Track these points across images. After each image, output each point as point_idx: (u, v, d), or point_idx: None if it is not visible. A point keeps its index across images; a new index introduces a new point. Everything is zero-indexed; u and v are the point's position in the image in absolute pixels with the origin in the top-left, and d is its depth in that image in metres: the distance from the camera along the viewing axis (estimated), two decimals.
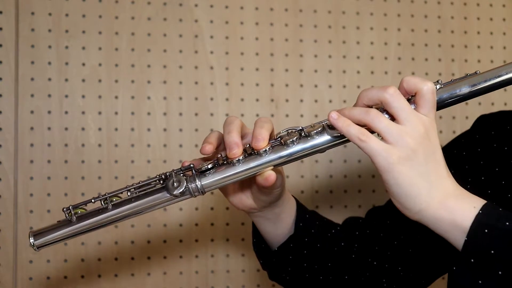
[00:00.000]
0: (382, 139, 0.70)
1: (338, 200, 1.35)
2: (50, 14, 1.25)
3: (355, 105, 0.75)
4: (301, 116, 1.34)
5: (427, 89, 0.71)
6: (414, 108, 0.72)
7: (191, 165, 0.77)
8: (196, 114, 1.30)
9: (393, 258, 0.94)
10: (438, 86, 0.75)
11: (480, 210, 0.68)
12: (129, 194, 0.78)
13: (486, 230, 0.67)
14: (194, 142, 1.30)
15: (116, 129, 1.27)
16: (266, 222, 0.89)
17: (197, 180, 0.76)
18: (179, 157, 1.29)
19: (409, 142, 0.69)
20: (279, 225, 0.90)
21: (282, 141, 0.76)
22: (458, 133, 1.35)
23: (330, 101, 1.35)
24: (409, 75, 0.74)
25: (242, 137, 0.79)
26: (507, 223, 0.67)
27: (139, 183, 0.78)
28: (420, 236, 0.93)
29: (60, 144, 1.25)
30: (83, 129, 1.26)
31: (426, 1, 1.40)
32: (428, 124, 0.71)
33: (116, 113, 1.27)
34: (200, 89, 1.31)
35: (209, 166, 0.76)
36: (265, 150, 0.76)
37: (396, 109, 0.70)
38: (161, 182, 0.78)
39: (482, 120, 0.96)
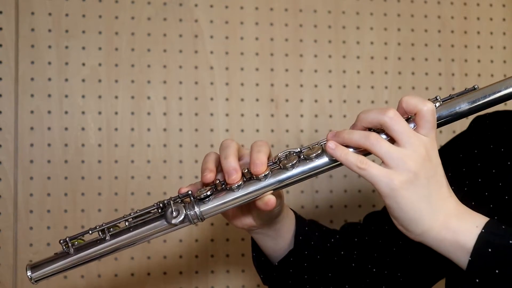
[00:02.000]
0: (383, 163, 0.69)
1: (338, 200, 1.35)
2: (50, 14, 1.25)
3: (353, 127, 0.74)
4: (301, 116, 1.34)
5: (427, 110, 0.70)
6: (414, 128, 0.71)
7: (189, 192, 0.76)
8: (196, 114, 1.30)
9: (392, 264, 0.94)
10: (437, 104, 0.75)
11: (483, 229, 0.68)
12: (127, 224, 0.77)
13: (489, 250, 0.67)
14: (194, 142, 1.30)
15: (116, 129, 1.27)
16: (265, 238, 0.89)
17: (196, 207, 0.75)
18: (179, 157, 1.29)
19: (411, 165, 0.68)
20: (279, 240, 0.90)
21: (281, 164, 0.75)
22: (457, 132, 1.35)
23: (330, 101, 1.35)
24: (408, 95, 0.72)
25: (239, 159, 0.78)
26: (511, 241, 0.67)
27: (136, 212, 0.77)
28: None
29: (60, 144, 1.25)
30: (83, 129, 1.26)
31: (426, 1, 1.40)
32: (428, 145, 0.70)
33: (116, 113, 1.27)
34: (200, 89, 1.31)
35: (208, 193, 0.75)
36: (265, 175, 0.75)
37: (397, 132, 0.69)
38: (159, 210, 0.77)
39: (478, 121, 0.96)
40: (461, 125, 1.38)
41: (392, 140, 0.71)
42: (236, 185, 0.75)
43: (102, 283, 1.26)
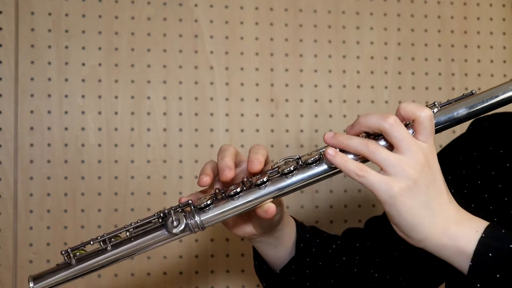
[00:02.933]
0: (381, 171, 0.69)
1: (338, 200, 1.35)
2: (50, 14, 1.25)
3: (352, 128, 0.74)
4: (301, 116, 1.34)
5: (425, 116, 0.70)
6: (412, 134, 0.71)
7: (190, 201, 0.77)
8: (196, 114, 1.30)
9: (394, 269, 0.94)
10: (435, 110, 0.75)
11: (483, 233, 0.68)
12: (128, 234, 0.77)
13: (490, 254, 0.67)
14: (194, 142, 1.30)
15: (116, 129, 1.27)
16: (266, 246, 0.90)
17: (196, 217, 0.76)
18: (179, 157, 1.29)
19: (410, 172, 0.68)
20: (280, 248, 0.90)
21: (280, 172, 0.75)
22: (457, 132, 1.35)
23: (330, 101, 1.35)
24: (405, 102, 0.73)
25: (237, 164, 0.79)
26: (511, 246, 0.67)
27: (137, 222, 0.78)
28: None
29: (60, 144, 1.25)
30: (83, 129, 1.26)
31: (426, 1, 1.40)
32: (427, 151, 0.70)
33: (116, 113, 1.27)
34: (200, 89, 1.31)
35: (208, 202, 0.76)
36: (264, 182, 0.75)
37: (397, 139, 0.70)
38: (160, 220, 0.77)
39: (477, 124, 0.96)
40: (461, 126, 1.38)
41: (390, 146, 0.71)
42: (236, 192, 0.75)
43: (102, 283, 1.26)
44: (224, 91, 1.32)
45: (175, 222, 0.75)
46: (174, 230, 0.75)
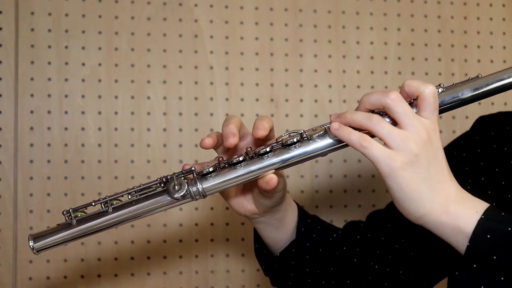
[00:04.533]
0: (385, 144, 0.69)
1: (338, 200, 1.35)
2: (50, 14, 1.25)
3: (357, 109, 0.75)
4: (301, 116, 1.34)
5: (429, 92, 0.71)
6: (416, 112, 0.71)
7: (192, 168, 0.77)
8: (196, 114, 1.30)
9: (394, 262, 0.94)
10: (440, 90, 0.75)
11: (483, 215, 0.68)
12: (129, 197, 0.77)
13: (488, 236, 0.67)
14: (194, 142, 1.30)
15: (116, 129, 1.27)
16: (268, 227, 0.89)
17: (198, 184, 0.76)
18: (179, 157, 1.29)
19: (412, 147, 0.68)
20: (281, 230, 0.90)
21: (283, 144, 0.76)
22: (458, 133, 1.35)
23: (330, 101, 1.35)
24: (410, 78, 0.73)
25: (241, 137, 0.80)
26: (509, 228, 0.67)
27: (139, 186, 0.78)
28: (421, 239, 0.93)
29: (60, 144, 1.25)
30: (83, 129, 1.26)
31: (426, 1, 1.40)
32: (430, 128, 0.70)
33: (116, 113, 1.27)
34: (200, 89, 1.31)
35: (210, 169, 0.76)
36: (267, 153, 0.75)
37: (398, 114, 0.70)
38: (162, 185, 0.77)
39: (482, 121, 0.96)
40: (461, 126, 1.38)
41: (394, 123, 0.71)
42: (238, 160, 0.75)
43: (102, 283, 1.26)
44: (224, 91, 1.32)
45: (176, 187, 0.75)
46: (176, 195, 0.75)
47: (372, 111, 0.74)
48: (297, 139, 0.75)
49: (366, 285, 0.94)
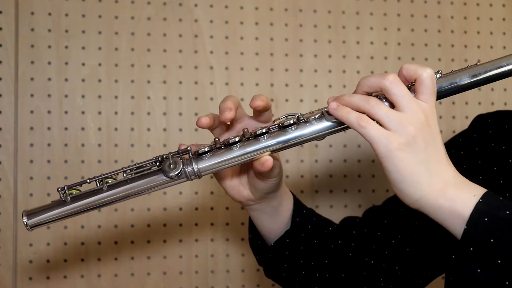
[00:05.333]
0: (382, 126, 0.69)
1: (338, 200, 1.35)
2: (49, 14, 1.25)
3: (354, 92, 0.74)
4: None
5: (427, 75, 0.71)
6: (414, 96, 0.71)
7: (188, 148, 0.77)
8: (196, 114, 1.30)
9: (390, 258, 0.94)
10: (438, 75, 0.75)
11: (480, 199, 0.68)
12: (125, 175, 0.77)
13: (486, 219, 0.66)
14: (194, 141, 1.30)
15: (116, 129, 1.27)
16: (263, 216, 0.89)
17: (193, 163, 0.75)
18: None
19: (409, 129, 0.68)
20: (276, 219, 0.89)
21: (280, 126, 0.76)
22: (457, 131, 1.35)
23: None
24: (408, 62, 0.73)
25: (238, 118, 0.80)
26: (507, 212, 0.67)
27: (135, 164, 0.77)
28: (417, 235, 0.93)
29: (60, 144, 1.25)
30: (83, 129, 1.26)
31: (426, 1, 1.40)
32: (428, 110, 0.70)
33: (116, 113, 1.27)
34: (200, 89, 1.31)
35: (206, 149, 0.76)
36: (263, 134, 0.75)
37: (396, 96, 0.70)
38: (158, 164, 0.77)
39: (480, 120, 0.96)
40: (461, 126, 1.38)
41: (392, 106, 0.71)
42: (234, 140, 0.75)
43: (102, 283, 1.26)
44: (224, 91, 1.32)
45: (172, 166, 0.75)
46: (171, 174, 0.75)
47: (370, 94, 0.73)
48: (293, 121, 0.75)
49: (361, 280, 0.94)
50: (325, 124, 0.75)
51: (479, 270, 0.66)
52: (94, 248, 1.26)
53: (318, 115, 0.75)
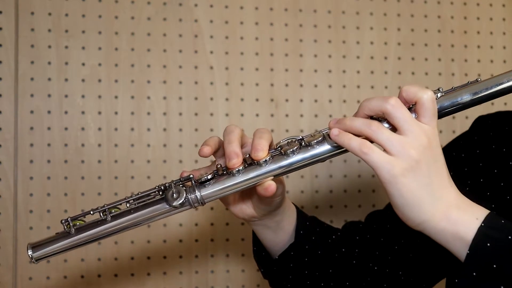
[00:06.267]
0: (385, 151, 0.69)
1: (338, 200, 1.35)
2: (50, 14, 1.25)
3: (356, 115, 0.74)
4: (301, 116, 1.34)
5: (427, 98, 0.70)
6: (415, 117, 0.71)
7: (191, 176, 0.76)
8: (196, 114, 1.30)
9: (393, 263, 0.94)
10: (439, 95, 0.75)
11: (483, 222, 0.68)
12: (128, 205, 0.77)
13: (488, 244, 0.67)
14: (194, 142, 1.30)
15: (116, 129, 1.27)
16: (266, 230, 0.89)
17: (196, 191, 0.75)
18: (179, 157, 1.29)
19: (412, 153, 0.68)
20: (280, 233, 0.90)
21: (282, 151, 0.75)
22: (458, 133, 1.35)
23: (330, 101, 1.35)
24: (408, 84, 0.73)
25: (242, 146, 0.79)
26: (510, 237, 0.67)
27: (138, 194, 0.78)
28: (420, 240, 0.92)
29: (60, 144, 1.25)
30: (83, 129, 1.26)
31: (426, 1, 1.40)
32: (430, 133, 0.70)
33: (116, 113, 1.27)
34: (200, 89, 1.31)
35: (209, 177, 0.75)
36: (265, 160, 0.75)
37: (398, 120, 0.69)
38: (160, 193, 0.77)
39: (480, 121, 0.96)
40: (461, 126, 1.38)
41: (394, 129, 0.71)
42: (237, 169, 0.75)
43: (102, 283, 1.26)
44: (224, 91, 1.32)
45: (175, 195, 0.75)
46: (174, 203, 0.75)
47: (371, 117, 0.73)
48: (296, 146, 0.75)
49: (366, 286, 0.94)
50: (326, 147, 0.75)
51: None
52: (94, 248, 1.26)
53: (319, 138, 0.75)
